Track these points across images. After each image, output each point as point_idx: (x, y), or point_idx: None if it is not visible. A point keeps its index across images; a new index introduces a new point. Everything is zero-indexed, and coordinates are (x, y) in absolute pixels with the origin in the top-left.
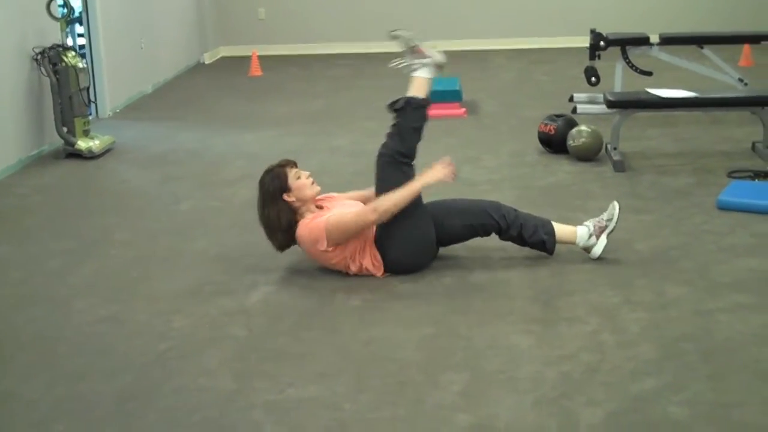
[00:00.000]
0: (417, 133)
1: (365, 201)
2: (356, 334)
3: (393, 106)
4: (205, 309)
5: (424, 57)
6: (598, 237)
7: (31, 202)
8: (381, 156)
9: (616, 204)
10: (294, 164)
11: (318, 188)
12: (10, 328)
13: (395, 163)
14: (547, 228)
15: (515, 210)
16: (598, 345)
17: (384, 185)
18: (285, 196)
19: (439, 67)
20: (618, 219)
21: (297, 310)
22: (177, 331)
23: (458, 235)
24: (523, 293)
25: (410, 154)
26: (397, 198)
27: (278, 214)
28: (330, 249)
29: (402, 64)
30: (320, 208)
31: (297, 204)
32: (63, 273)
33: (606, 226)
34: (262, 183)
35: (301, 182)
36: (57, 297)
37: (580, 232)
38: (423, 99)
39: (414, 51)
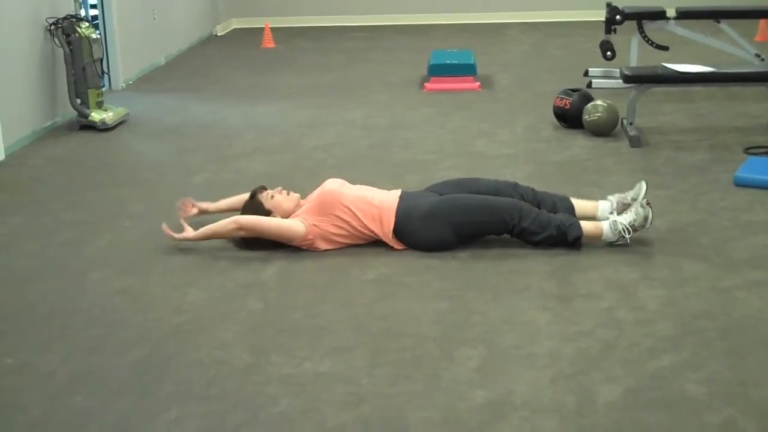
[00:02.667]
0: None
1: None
2: (372, 309)
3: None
4: (220, 282)
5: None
6: (619, 214)
7: (44, 173)
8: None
9: (643, 183)
10: (263, 188)
11: (295, 195)
12: (26, 300)
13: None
14: (573, 230)
15: (538, 210)
16: (615, 321)
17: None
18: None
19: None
20: (645, 196)
21: (312, 284)
22: (192, 303)
23: (474, 236)
24: (540, 269)
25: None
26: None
27: (260, 245)
28: (307, 240)
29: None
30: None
31: (284, 217)
32: (77, 245)
33: (629, 204)
34: (243, 214)
35: (276, 200)
36: (71, 269)
37: (602, 206)
38: (574, 238)
39: (634, 232)
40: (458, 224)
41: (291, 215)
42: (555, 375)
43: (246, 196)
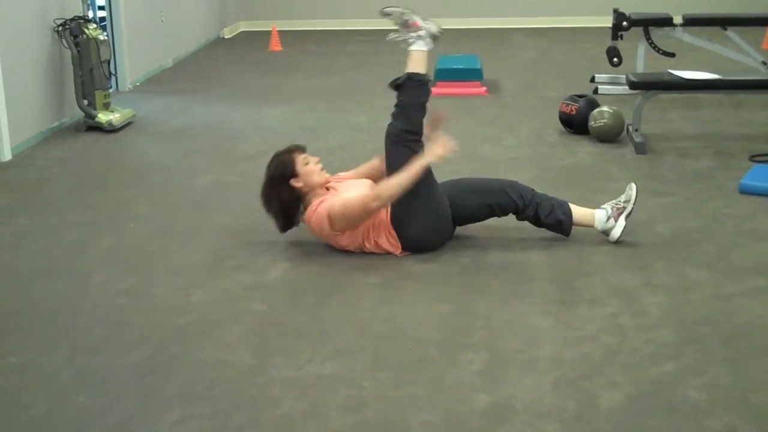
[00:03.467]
0: (421, 109)
1: (373, 175)
2: (375, 312)
3: (394, 83)
4: (224, 284)
5: (419, 29)
6: (616, 219)
7: (50, 174)
8: (388, 136)
9: (633, 185)
10: (303, 149)
11: (327, 175)
12: (30, 300)
13: (403, 142)
14: (564, 209)
15: (532, 190)
16: (617, 327)
17: (394, 165)
18: (292, 182)
19: (434, 37)
20: (635, 201)
21: (316, 287)
22: (196, 305)
23: (474, 213)
24: (542, 274)
25: (417, 131)
26: (399, 182)
27: (279, 199)
28: (338, 233)
29: (397, 38)
30: (328, 189)
31: (305, 189)
32: (82, 245)
33: (624, 208)
34: (269, 167)
35: (309, 168)
36: (76, 269)
37: (598, 215)
38: (423, 74)
39: (408, 25)
40: (455, 195)
41: (314, 192)
42: (557, 380)
43: (375, 162)
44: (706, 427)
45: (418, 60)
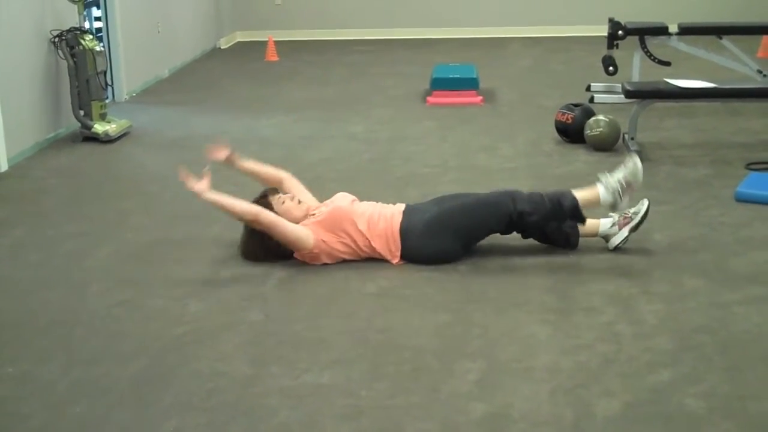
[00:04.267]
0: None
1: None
2: (372, 321)
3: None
4: (221, 294)
5: (622, 199)
6: (620, 228)
7: (47, 184)
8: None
9: (645, 201)
10: (275, 190)
11: (305, 205)
12: (27, 311)
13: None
14: (571, 202)
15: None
16: (614, 335)
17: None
18: None
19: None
20: (644, 217)
21: (313, 296)
22: (193, 315)
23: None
24: (539, 282)
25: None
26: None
27: (268, 247)
28: (312, 252)
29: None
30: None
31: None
32: (79, 256)
33: (631, 219)
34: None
35: (286, 206)
36: (73, 280)
37: (604, 221)
38: (581, 214)
39: (628, 187)
40: (461, 228)
41: (299, 224)
42: (554, 388)
43: (275, 172)
44: None
45: (591, 199)
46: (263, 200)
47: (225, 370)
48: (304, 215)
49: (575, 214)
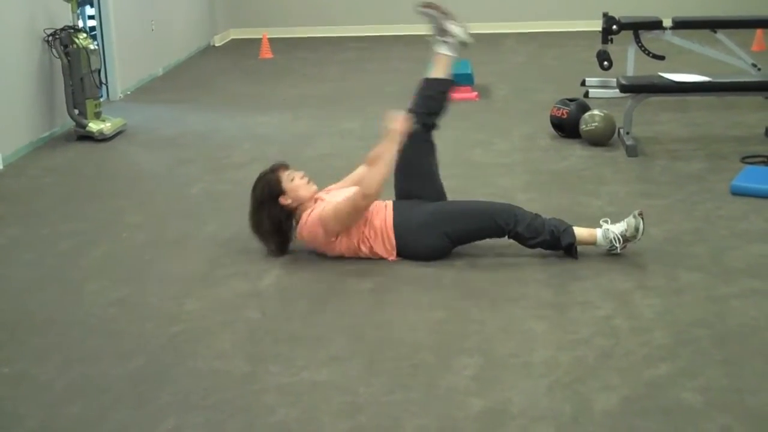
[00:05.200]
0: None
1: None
2: (369, 318)
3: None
4: (217, 292)
5: (451, 35)
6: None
7: (42, 183)
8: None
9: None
10: (286, 166)
11: (314, 187)
12: (23, 310)
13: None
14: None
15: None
16: (611, 330)
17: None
18: (281, 200)
19: (464, 45)
20: (639, 231)
21: (309, 293)
22: (189, 313)
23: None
24: (535, 277)
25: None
26: (379, 172)
27: (271, 219)
28: (333, 239)
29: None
30: (316, 201)
31: (294, 205)
32: (74, 255)
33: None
34: (255, 190)
35: (296, 183)
36: (68, 279)
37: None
38: (444, 78)
39: (443, 30)
40: (454, 232)
41: (303, 206)
42: (551, 383)
43: (360, 171)
44: (702, 429)
45: (443, 64)
46: (271, 174)
47: (222, 367)
48: (310, 197)
49: (570, 251)
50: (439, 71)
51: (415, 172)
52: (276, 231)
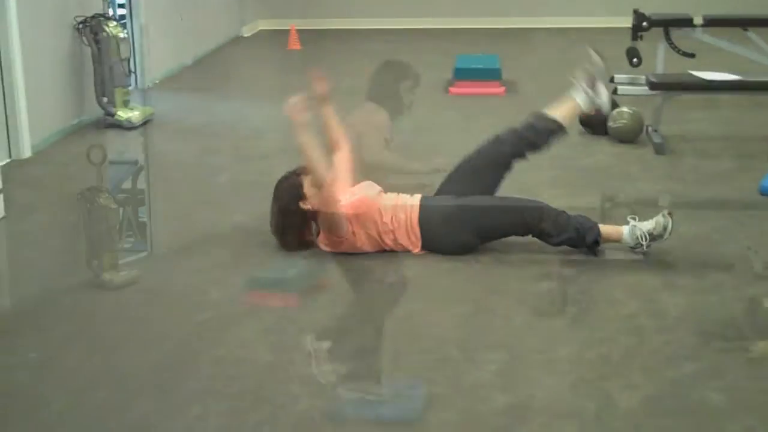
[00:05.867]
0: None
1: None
2: (393, 310)
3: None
4: (242, 281)
5: (595, 92)
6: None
7: (70, 171)
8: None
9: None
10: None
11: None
12: (49, 296)
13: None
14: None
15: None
16: (636, 328)
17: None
18: (301, 204)
19: (592, 108)
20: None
21: (334, 285)
22: (214, 302)
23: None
24: (562, 274)
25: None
26: (311, 165)
27: (294, 225)
28: (351, 236)
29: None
30: None
31: (316, 209)
32: None
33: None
34: (277, 196)
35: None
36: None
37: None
38: (561, 125)
39: (592, 83)
40: (480, 228)
41: None
42: (575, 380)
43: (338, 138)
44: (726, 429)
45: (569, 110)
46: (295, 177)
47: (246, 356)
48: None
49: (593, 249)
50: (560, 112)
51: (479, 182)
52: (294, 233)
